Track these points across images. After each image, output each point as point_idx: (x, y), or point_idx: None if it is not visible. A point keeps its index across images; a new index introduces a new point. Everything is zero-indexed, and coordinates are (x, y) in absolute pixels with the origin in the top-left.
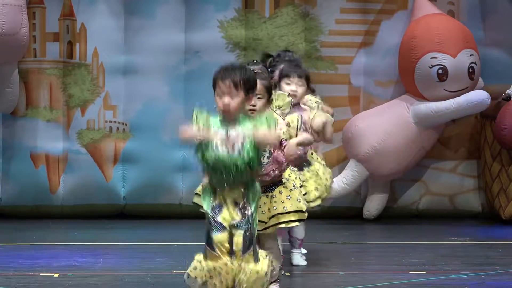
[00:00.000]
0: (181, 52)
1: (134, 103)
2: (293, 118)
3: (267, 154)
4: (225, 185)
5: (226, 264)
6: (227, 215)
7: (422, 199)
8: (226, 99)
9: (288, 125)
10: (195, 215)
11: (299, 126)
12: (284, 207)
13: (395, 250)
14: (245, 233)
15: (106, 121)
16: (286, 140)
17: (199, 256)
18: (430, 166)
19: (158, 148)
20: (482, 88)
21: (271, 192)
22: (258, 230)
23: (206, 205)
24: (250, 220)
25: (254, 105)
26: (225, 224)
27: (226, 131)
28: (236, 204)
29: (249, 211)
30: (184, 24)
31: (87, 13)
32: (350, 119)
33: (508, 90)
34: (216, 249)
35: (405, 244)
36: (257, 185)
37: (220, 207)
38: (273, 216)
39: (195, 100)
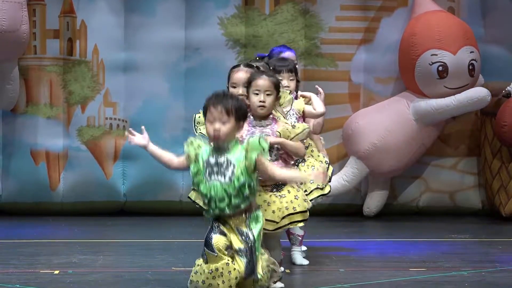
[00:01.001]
0: (181, 49)
1: (134, 100)
2: (301, 125)
3: (274, 152)
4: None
5: (227, 264)
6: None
7: (422, 196)
8: (217, 125)
9: (293, 126)
10: (195, 212)
11: (298, 133)
12: (293, 207)
13: (395, 247)
14: (247, 263)
15: (106, 118)
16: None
17: (199, 261)
18: (430, 163)
19: (158, 145)
20: (483, 85)
21: (280, 191)
22: (270, 230)
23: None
24: (253, 249)
25: (263, 101)
26: (225, 230)
27: (216, 159)
28: (238, 231)
29: (251, 240)
30: (184, 21)
31: (87, 10)
32: (350, 116)
33: (508, 87)
34: (216, 249)
35: (405, 241)
36: (259, 213)
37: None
38: (284, 217)
39: (195, 97)
